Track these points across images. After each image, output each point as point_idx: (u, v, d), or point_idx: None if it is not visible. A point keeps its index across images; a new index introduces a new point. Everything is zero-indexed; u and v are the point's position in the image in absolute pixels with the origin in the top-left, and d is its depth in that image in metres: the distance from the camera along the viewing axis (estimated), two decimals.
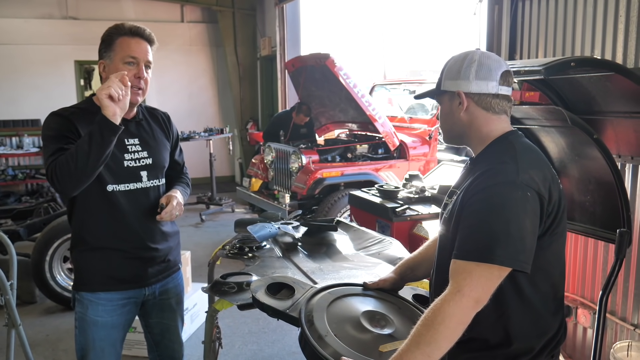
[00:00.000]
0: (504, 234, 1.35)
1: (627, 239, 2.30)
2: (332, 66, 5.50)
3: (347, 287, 1.72)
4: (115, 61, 1.98)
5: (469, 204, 1.42)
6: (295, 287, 1.73)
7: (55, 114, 1.98)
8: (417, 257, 1.82)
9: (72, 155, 1.80)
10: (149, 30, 2.05)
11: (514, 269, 1.35)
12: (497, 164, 1.44)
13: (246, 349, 3.79)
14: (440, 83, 1.59)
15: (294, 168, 5.80)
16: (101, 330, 2.06)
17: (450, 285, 1.36)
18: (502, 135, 1.55)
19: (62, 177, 1.80)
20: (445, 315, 1.31)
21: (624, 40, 2.90)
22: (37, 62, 9.29)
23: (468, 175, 1.56)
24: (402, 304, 1.72)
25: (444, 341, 1.31)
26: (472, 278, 1.33)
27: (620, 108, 2.61)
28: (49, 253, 4.36)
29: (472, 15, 4.12)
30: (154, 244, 2.12)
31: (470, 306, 1.32)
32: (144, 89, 2.03)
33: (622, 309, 3.06)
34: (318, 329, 1.42)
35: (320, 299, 1.61)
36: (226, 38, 9.80)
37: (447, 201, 1.61)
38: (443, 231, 1.57)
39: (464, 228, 1.41)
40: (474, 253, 1.35)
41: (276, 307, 1.61)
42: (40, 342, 3.87)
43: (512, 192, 1.38)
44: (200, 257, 5.40)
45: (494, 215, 1.36)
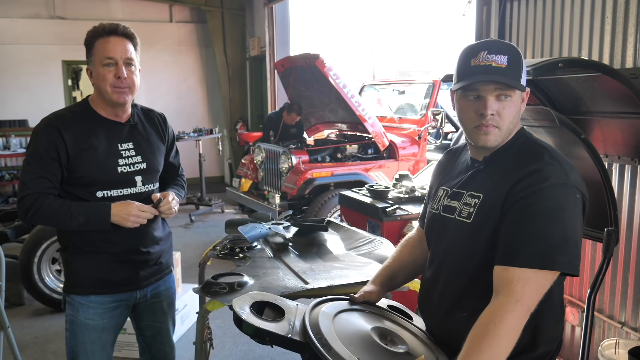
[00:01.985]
0: (563, 239, 1.30)
1: (615, 238, 2.33)
2: (321, 66, 5.50)
3: (338, 303, 1.60)
4: (96, 65, 1.94)
5: (520, 208, 1.34)
6: (282, 306, 1.54)
7: (47, 125, 1.94)
8: (394, 265, 1.76)
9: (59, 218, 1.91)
10: (124, 25, 1.98)
11: (572, 274, 1.32)
12: (541, 164, 1.37)
13: (237, 349, 3.79)
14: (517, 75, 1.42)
15: (283, 168, 5.80)
16: (92, 333, 2.04)
17: (506, 294, 1.28)
18: (518, 133, 1.50)
19: (39, 222, 1.96)
20: (509, 328, 1.25)
21: (610, 41, 2.93)
22: (25, 62, 9.21)
23: (484, 175, 1.49)
24: (394, 317, 1.65)
25: (504, 354, 1.25)
26: (531, 286, 1.28)
27: (607, 108, 2.65)
28: (37, 255, 4.32)
29: (461, 17, 4.14)
30: (146, 248, 2.10)
31: (527, 315, 1.28)
32: (130, 87, 1.97)
33: (609, 307, 3.09)
34: (340, 354, 1.29)
35: (320, 317, 1.44)
36: (215, 38, 9.77)
37: (451, 203, 1.54)
38: (459, 234, 1.49)
39: (518, 232, 1.33)
40: (533, 260, 1.29)
41: (277, 332, 1.39)
42: (28, 345, 3.83)
43: (566, 195, 1.34)
44: (190, 258, 5.38)
45: (552, 220, 1.31)
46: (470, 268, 1.45)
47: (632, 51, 2.81)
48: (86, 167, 1.95)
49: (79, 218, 1.91)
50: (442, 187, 1.64)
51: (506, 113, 1.42)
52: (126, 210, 1.93)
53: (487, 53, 1.40)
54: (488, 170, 1.50)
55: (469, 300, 1.45)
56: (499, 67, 1.38)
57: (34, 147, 1.94)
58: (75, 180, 1.96)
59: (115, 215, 1.92)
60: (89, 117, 2.00)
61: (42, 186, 1.90)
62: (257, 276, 2.10)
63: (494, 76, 1.39)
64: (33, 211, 1.89)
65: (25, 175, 1.92)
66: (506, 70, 1.38)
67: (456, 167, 1.66)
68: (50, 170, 1.91)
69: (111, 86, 1.94)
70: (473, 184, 1.51)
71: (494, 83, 1.39)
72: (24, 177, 1.92)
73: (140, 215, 1.96)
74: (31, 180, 1.90)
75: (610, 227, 2.35)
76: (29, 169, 1.92)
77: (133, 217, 1.93)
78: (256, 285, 2.00)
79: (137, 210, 1.95)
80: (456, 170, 1.64)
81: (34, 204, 1.88)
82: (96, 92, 2.01)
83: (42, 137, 1.93)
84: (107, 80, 1.93)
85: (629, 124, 2.63)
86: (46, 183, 1.91)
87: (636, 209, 2.88)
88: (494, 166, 1.49)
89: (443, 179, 1.67)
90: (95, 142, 1.97)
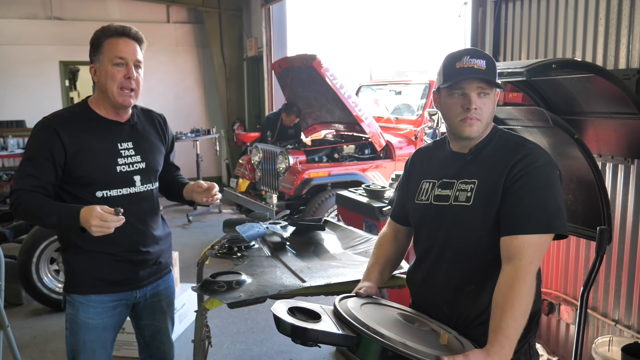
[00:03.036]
0: (557, 207, 1.55)
1: (607, 237, 2.36)
2: (318, 67, 5.53)
3: (353, 298, 1.70)
4: (104, 63, 1.95)
5: (520, 186, 1.55)
6: (315, 310, 1.60)
7: (45, 125, 1.96)
8: (381, 262, 1.89)
9: (36, 215, 1.91)
10: (135, 29, 2.02)
11: (565, 234, 1.57)
12: (529, 150, 1.60)
13: (235, 348, 3.81)
14: (494, 74, 1.64)
15: (281, 168, 5.82)
16: (92, 332, 2.06)
17: (519, 258, 1.49)
18: (494, 129, 1.72)
19: (21, 217, 1.98)
20: (530, 285, 1.48)
21: (604, 42, 2.97)
22: (22, 62, 9.21)
23: (474, 164, 1.67)
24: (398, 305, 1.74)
25: (529, 309, 1.46)
26: (538, 248, 1.52)
27: (601, 109, 2.68)
28: (35, 255, 4.34)
29: (457, 18, 4.18)
30: (146, 248, 2.11)
31: (536, 274, 1.52)
32: (135, 90, 2.01)
33: (603, 305, 3.13)
34: (395, 339, 1.39)
35: (354, 311, 1.53)
36: (212, 39, 9.78)
37: (442, 192, 1.69)
38: (458, 216, 1.64)
39: (521, 206, 1.54)
40: (538, 226, 1.52)
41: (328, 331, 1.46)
42: (27, 344, 3.85)
43: (553, 171, 1.59)
44: (188, 257, 5.40)
45: (546, 192, 1.54)
46: (474, 244, 1.62)
47: (625, 52, 2.85)
48: (85, 167, 1.96)
49: (52, 217, 1.87)
50: (425, 180, 1.77)
51: (486, 108, 1.64)
52: (86, 218, 1.79)
53: (470, 57, 1.62)
54: (476, 160, 1.68)
55: (476, 275, 1.63)
56: (480, 69, 1.61)
57: (29, 147, 1.97)
58: (74, 180, 1.97)
59: (82, 219, 1.81)
60: (88, 117, 2.02)
61: (29, 184, 1.90)
62: (255, 275, 2.13)
63: (477, 75, 1.60)
64: (15, 206, 1.90)
65: (18, 173, 1.96)
66: (486, 72, 1.61)
67: (434, 162, 1.80)
68: (41, 170, 1.92)
69: (118, 86, 1.96)
70: (463, 173, 1.68)
71: (478, 81, 1.61)
72: (17, 174, 1.97)
73: (102, 225, 1.79)
74: (20, 177, 1.93)
75: (602, 226, 2.38)
76: (21, 167, 1.95)
77: (94, 227, 1.78)
78: (254, 284, 2.03)
79: (97, 220, 1.78)
80: (437, 165, 1.78)
81: (17, 200, 1.89)
82: (99, 92, 2.02)
83: (39, 137, 1.95)
84: (116, 80, 1.95)
85: (622, 124, 2.66)
86: (33, 181, 1.91)
87: (629, 208, 2.91)
88: (481, 156, 1.68)
89: (423, 174, 1.81)
90: (94, 141, 1.99)
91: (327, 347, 3.70)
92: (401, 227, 1.90)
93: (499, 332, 1.41)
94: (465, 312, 1.62)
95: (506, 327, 1.41)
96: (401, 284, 2.07)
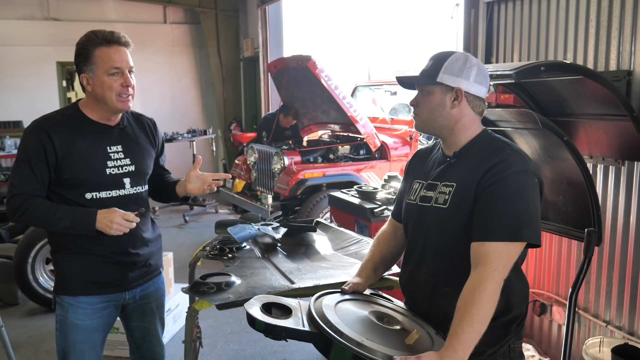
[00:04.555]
0: (527, 215, 1.53)
1: (595, 238, 2.38)
2: (313, 68, 5.54)
3: (334, 295, 1.75)
4: (99, 74, 1.95)
5: (490, 192, 1.55)
6: (287, 305, 1.66)
7: (35, 127, 1.97)
8: (375, 258, 1.92)
9: (46, 220, 1.96)
10: (122, 34, 2.01)
11: (536, 243, 1.55)
12: (505, 156, 1.60)
13: (228, 348, 3.82)
14: (434, 74, 1.67)
15: (276, 169, 5.83)
16: (81, 333, 2.07)
17: (484, 265, 1.49)
18: (482, 132, 1.73)
19: (25, 223, 1.96)
20: (491, 292, 1.47)
21: (594, 44, 2.98)
22: (19, 63, 9.20)
23: (456, 168, 1.69)
24: (381, 302, 1.79)
25: (490, 316, 1.46)
26: (504, 256, 1.51)
27: (591, 110, 2.69)
28: (31, 255, 4.35)
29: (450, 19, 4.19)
30: (135, 249, 2.12)
31: (502, 281, 1.50)
32: (132, 95, 2.03)
33: (594, 306, 3.14)
34: (351, 337, 1.44)
35: (324, 309, 1.59)
36: (209, 39, 9.79)
37: (427, 194, 1.72)
38: (437, 219, 1.67)
39: (490, 212, 1.54)
40: (504, 234, 1.51)
41: (291, 327, 1.52)
42: (22, 344, 3.86)
43: (528, 179, 1.58)
44: (183, 258, 5.40)
45: (517, 200, 1.53)
46: (451, 246, 1.64)
47: (615, 54, 2.86)
48: (75, 169, 1.98)
49: (65, 221, 1.93)
50: (416, 181, 1.82)
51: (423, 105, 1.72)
52: (109, 217, 1.93)
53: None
54: (459, 163, 1.71)
55: (452, 276, 1.64)
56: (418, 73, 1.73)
57: (23, 149, 1.97)
58: (63, 182, 1.99)
59: (100, 222, 1.93)
60: (78, 120, 2.04)
61: (31, 187, 1.94)
62: (244, 276, 2.14)
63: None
64: (21, 211, 1.93)
65: (14, 177, 1.96)
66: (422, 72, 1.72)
67: (428, 163, 1.84)
68: (38, 172, 1.94)
69: (117, 95, 1.97)
70: (446, 176, 1.71)
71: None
72: (13, 178, 1.97)
73: (123, 224, 1.95)
74: (20, 181, 1.94)
75: (591, 228, 2.39)
76: (17, 171, 1.96)
77: (116, 225, 1.93)
78: (243, 285, 2.04)
79: (121, 219, 1.94)
80: (429, 166, 1.82)
81: (22, 205, 1.92)
82: (92, 99, 2.03)
83: (31, 139, 1.96)
84: (114, 89, 1.96)
85: (612, 125, 2.68)
86: (34, 184, 1.94)
87: (620, 209, 2.93)
88: (463, 159, 1.70)
89: (416, 174, 1.85)
90: (84, 144, 2.00)
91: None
92: (400, 225, 1.93)
93: (454, 336, 1.43)
94: (442, 310, 1.64)
95: (462, 332, 1.42)
96: (389, 285, 2.08)
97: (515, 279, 1.64)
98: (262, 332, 1.54)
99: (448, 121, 1.69)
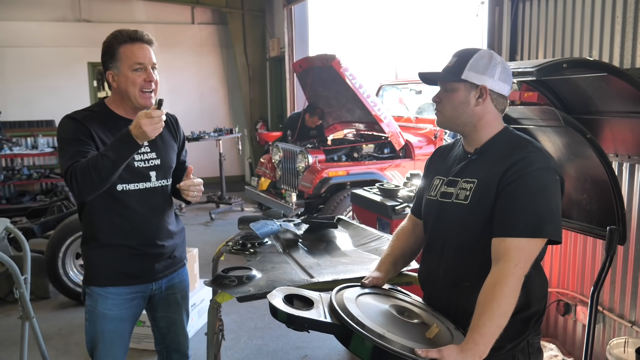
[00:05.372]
0: (549, 212, 1.56)
1: (617, 236, 2.35)
2: (338, 67, 5.57)
3: (354, 288, 1.77)
4: (124, 70, 2.03)
5: (512, 189, 1.57)
6: (309, 297, 1.69)
7: (69, 118, 2.06)
8: (395, 253, 1.95)
9: (96, 166, 1.87)
10: (145, 32, 2.09)
11: (557, 240, 1.57)
12: (527, 153, 1.61)
13: (251, 343, 3.88)
14: (459, 72, 1.68)
15: (300, 167, 5.88)
16: (110, 323, 2.15)
17: (505, 260, 1.52)
18: (503, 130, 1.74)
19: (84, 184, 1.89)
20: (512, 287, 1.49)
21: (620, 41, 2.95)
22: (51, 64, 9.46)
23: (477, 164, 1.71)
24: (401, 296, 1.82)
25: (511, 311, 1.48)
26: (525, 252, 1.53)
27: (617, 108, 2.66)
28: (62, 250, 4.48)
29: (475, 17, 4.17)
30: (161, 241, 2.19)
31: (523, 277, 1.52)
32: (155, 90, 2.10)
33: (619, 306, 3.10)
34: (373, 329, 1.47)
35: (346, 301, 1.61)
36: (236, 39, 9.90)
37: (447, 190, 1.74)
38: (457, 214, 1.69)
39: (511, 209, 1.56)
40: (526, 230, 1.53)
41: (314, 318, 1.55)
42: (53, 336, 3.98)
43: (549, 176, 1.59)
44: (209, 254, 5.44)
45: (539, 196, 1.56)
46: (472, 242, 1.66)
47: None
48: None
49: (109, 155, 1.89)
50: (437, 177, 1.84)
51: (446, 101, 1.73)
52: (138, 125, 1.86)
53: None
54: (480, 159, 1.72)
55: (472, 271, 1.66)
56: (440, 71, 1.75)
57: (64, 135, 2.02)
58: None
59: (134, 132, 1.87)
60: (106, 115, 2.12)
61: (79, 158, 1.94)
62: (265, 270, 2.19)
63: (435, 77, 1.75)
64: (75, 176, 1.89)
65: (63, 158, 1.98)
66: (446, 69, 1.73)
67: (449, 160, 1.85)
68: (85, 148, 1.98)
69: (140, 89, 2.05)
70: (467, 172, 1.73)
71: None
72: (63, 158, 1.98)
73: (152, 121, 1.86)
74: (69, 158, 1.94)
75: (613, 226, 2.37)
76: (64, 150, 1.99)
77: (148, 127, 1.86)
78: (264, 279, 2.08)
79: (145, 118, 1.86)
80: (449, 162, 1.84)
81: (74, 170, 1.90)
82: (117, 95, 2.11)
83: (69, 126, 2.02)
84: (137, 84, 2.04)
85: (638, 123, 2.64)
86: (82, 155, 1.94)
87: None
88: (485, 156, 1.71)
89: (437, 170, 1.87)
90: (113, 138, 2.07)
91: (341, 344, 3.74)
92: (419, 221, 1.95)
93: (476, 330, 1.45)
94: (461, 306, 1.66)
95: (483, 326, 1.45)
96: (408, 280, 2.10)
97: (535, 275, 1.65)
98: (283, 322, 1.57)
99: (471, 118, 1.70)
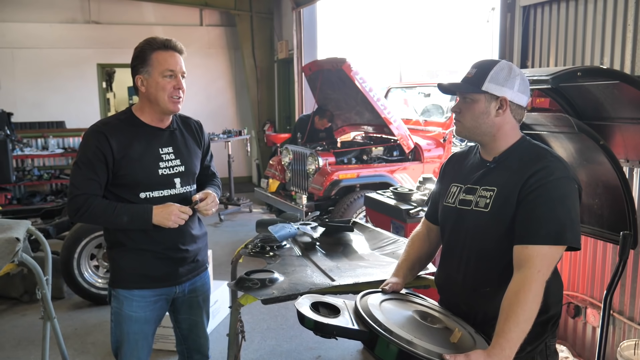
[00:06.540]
0: (569, 220, 1.61)
1: (630, 241, 2.40)
2: (348, 71, 5.61)
3: (376, 294, 1.81)
4: (154, 75, 2.10)
5: (534, 197, 1.62)
6: (336, 305, 1.73)
7: (95, 131, 2.11)
8: (411, 258, 2.00)
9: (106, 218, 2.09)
10: (178, 41, 2.17)
11: (577, 247, 1.62)
12: (547, 162, 1.66)
13: (265, 344, 3.93)
14: (479, 83, 1.72)
15: (310, 170, 5.93)
16: (135, 325, 2.21)
17: (528, 267, 1.57)
18: (521, 139, 1.79)
19: (87, 221, 2.11)
20: (535, 293, 1.54)
21: (632, 49, 2.99)
22: (61, 65, 9.55)
23: (496, 173, 1.75)
24: (420, 301, 1.86)
25: (534, 316, 1.53)
26: (547, 259, 1.58)
27: (628, 114, 2.70)
28: (77, 251, 4.54)
29: (486, 23, 4.21)
30: (185, 246, 2.25)
31: (544, 282, 1.58)
32: (182, 98, 2.17)
33: (630, 309, 3.14)
34: (401, 336, 1.50)
35: (371, 308, 1.65)
36: (244, 41, 9.97)
37: (466, 197, 1.78)
38: (478, 222, 1.73)
39: (533, 217, 1.61)
40: (548, 237, 1.58)
41: (343, 326, 1.59)
42: (69, 336, 4.04)
43: (569, 185, 1.65)
44: (219, 256, 5.55)
45: (560, 205, 1.61)
46: (492, 249, 1.71)
47: None
48: (130, 170, 2.11)
49: (123, 217, 2.08)
50: (454, 184, 1.88)
51: (466, 111, 1.77)
52: (167, 211, 2.10)
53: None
54: (499, 168, 1.76)
55: (492, 277, 1.71)
56: (460, 81, 1.78)
57: (83, 152, 2.11)
58: (120, 182, 2.13)
59: (157, 216, 2.09)
60: (132, 123, 2.17)
61: (91, 188, 2.08)
62: (286, 273, 2.24)
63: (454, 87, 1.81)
64: (83, 211, 2.07)
65: (76, 178, 2.10)
66: (465, 80, 1.76)
67: (465, 167, 1.90)
68: (98, 173, 2.08)
69: (169, 96, 2.11)
70: (486, 180, 1.77)
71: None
72: (75, 179, 2.10)
73: (180, 215, 2.12)
74: (82, 182, 2.08)
75: (627, 231, 2.42)
76: (79, 172, 2.09)
77: (174, 216, 2.10)
78: (286, 282, 2.14)
79: (177, 211, 2.11)
80: (466, 170, 1.88)
81: (84, 204, 2.06)
82: (145, 100, 2.17)
83: (91, 142, 2.10)
84: (167, 90, 2.10)
85: None
86: (94, 185, 2.09)
87: None
88: (503, 165, 1.76)
89: (454, 177, 1.91)
90: (138, 146, 2.14)
91: (354, 345, 3.80)
92: (434, 226, 1.99)
93: (502, 335, 1.50)
94: (482, 311, 1.71)
95: (508, 331, 1.49)
96: (426, 284, 2.15)
97: (553, 280, 1.69)
98: (311, 329, 1.61)
99: (491, 128, 1.75)
